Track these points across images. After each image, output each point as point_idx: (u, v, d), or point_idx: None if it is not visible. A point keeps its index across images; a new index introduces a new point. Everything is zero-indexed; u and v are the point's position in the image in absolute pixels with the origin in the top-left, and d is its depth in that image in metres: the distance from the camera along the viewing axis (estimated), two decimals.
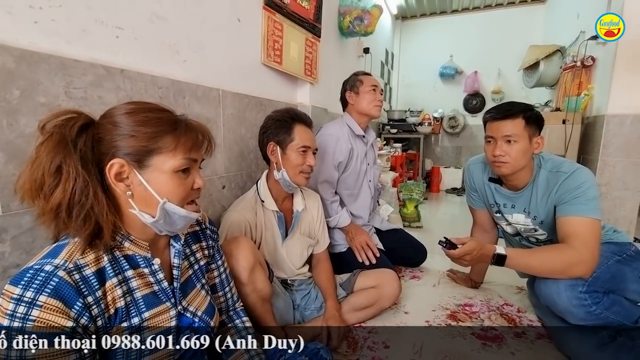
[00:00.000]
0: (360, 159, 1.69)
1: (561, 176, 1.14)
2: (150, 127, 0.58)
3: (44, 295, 0.48)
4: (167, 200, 0.60)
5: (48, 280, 0.49)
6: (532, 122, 1.16)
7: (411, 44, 5.04)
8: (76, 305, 0.51)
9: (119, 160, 0.56)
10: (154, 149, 0.58)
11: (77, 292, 0.51)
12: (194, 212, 0.65)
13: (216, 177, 1.34)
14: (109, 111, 0.59)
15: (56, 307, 0.49)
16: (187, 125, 0.63)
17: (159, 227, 0.62)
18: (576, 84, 2.70)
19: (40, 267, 0.50)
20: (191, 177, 0.64)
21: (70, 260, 0.53)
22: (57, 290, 0.49)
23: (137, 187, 0.59)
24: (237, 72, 1.44)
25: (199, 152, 0.65)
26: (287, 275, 1.29)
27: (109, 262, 0.57)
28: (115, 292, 0.57)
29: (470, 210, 1.53)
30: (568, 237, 1.08)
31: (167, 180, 0.60)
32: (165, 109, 0.63)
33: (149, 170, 0.59)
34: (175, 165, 0.60)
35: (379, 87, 1.68)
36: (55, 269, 0.51)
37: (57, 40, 0.77)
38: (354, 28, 2.52)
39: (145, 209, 0.60)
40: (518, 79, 3.98)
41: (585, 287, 1.04)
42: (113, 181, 0.57)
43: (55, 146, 0.52)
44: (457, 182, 4.60)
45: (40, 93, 0.73)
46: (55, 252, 0.53)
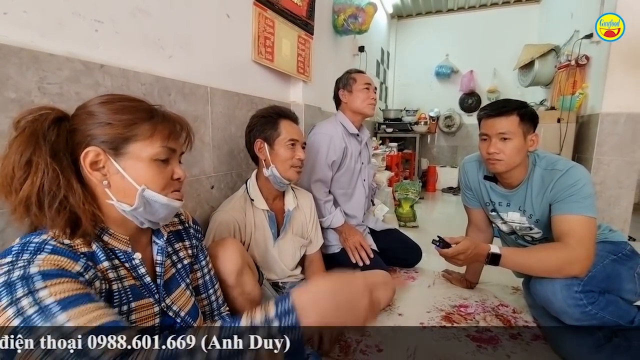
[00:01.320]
0: (355, 158, 1.66)
1: (556, 174, 1.12)
2: (127, 114, 0.57)
3: (44, 253, 0.46)
4: (145, 187, 0.58)
5: (43, 246, 0.48)
6: (527, 119, 1.14)
7: (407, 43, 5.03)
8: (80, 261, 0.49)
9: (94, 149, 0.55)
10: (130, 137, 0.57)
11: (76, 256, 0.49)
12: (176, 200, 0.62)
13: (204, 177, 1.30)
14: (84, 103, 0.58)
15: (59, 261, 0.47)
16: (164, 115, 0.62)
17: (139, 216, 0.60)
18: (571, 83, 2.70)
19: (27, 241, 0.49)
20: (170, 167, 0.62)
21: (57, 239, 0.51)
22: (55, 251, 0.48)
23: (113, 176, 0.57)
24: (227, 69, 1.41)
25: (177, 142, 0.63)
26: (279, 277, 1.26)
27: (98, 248, 0.56)
28: (108, 275, 0.55)
29: (465, 209, 1.51)
30: (563, 235, 1.06)
31: (145, 168, 0.58)
32: (141, 99, 0.61)
33: (126, 158, 0.57)
34: (153, 153, 0.58)
35: (373, 85, 1.65)
36: (45, 239, 0.49)
37: (30, 33, 0.73)
38: (348, 26, 2.49)
39: (124, 199, 0.58)
40: (513, 78, 3.97)
41: (580, 287, 1.02)
42: (88, 170, 0.55)
43: (26, 140, 0.51)
44: (454, 182, 4.59)
45: (10, 88, 0.69)
46: (38, 234, 0.51)
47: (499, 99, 1.24)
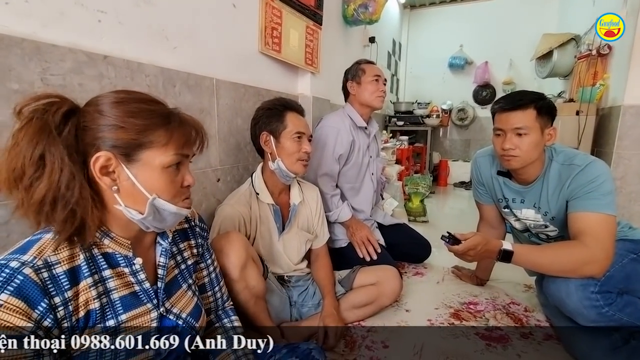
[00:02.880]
0: (362, 152, 1.63)
1: (574, 169, 1.07)
2: (142, 119, 0.54)
3: (5, 293, 0.45)
4: (156, 196, 0.56)
5: (12, 278, 0.46)
6: (544, 112, 1.08)
7: (420, 33, 4.90)
8: (40, 306, 0.47)
9: (105, 153, 0.52)
10: (144, 143, 0.54)
11: (43, 292, 0.48)
12: (185, 209, 0.61)
13: (210, 170, 1.29)
14: (96, 99, 0.55)
15: (17, 307, 0.45)
16: (180, 120, 0.59)
17: (147, 223, 0.59)
18: (591, 74, 2.58)
19: (6, 263, 0.47)
20: (181, 174, 0.60)
21: (40, 257, 0.49)
22: (20, 289, 0.46)
23: (124, 182, 0.55)
24: (233, 61, 1.39)
25: (191, 148, 0.61)
26: (284, 271, 1.25)
27: (84, 260, 0.54)
28: (89, 293, 0.53)
29: (477, 205, 1.47)
30: (580, 234, 1.02)
31: (157, 177, 0.56)
32: (157, 100, 0.59)
33: (138, 165, 0.55)
34: (166, 161, 0.56)
35: (383, 76, 1.60)
36: (21, 266, 0.47)
37: (32, 23, 0.72)
38: (358, 16, 2.43)
39: (133, 205, 0.56)
40: (530, 69, 3.83)
41: (597, 288, 0.97)
42: (98, 175, 0.53)
43: (37, 133, 0.48)
44: (466, 176, 4.49)
45: (12, 79, 0.69)
46: (26, 247, 0.50)
47: (515, 91, 1.18)
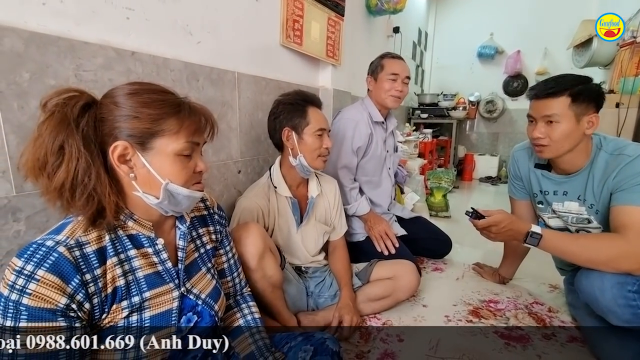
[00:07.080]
0: (380, 146, 1.61)
1: (623, 159, 1.00)
2: (154, 109, 0.57)
3: (42, 269, 0.49)
4: (169, 181, 0.60)
5: (48, 255, 0.51)
6: (583, 98, 1.01)
7: (447, 22, 4.71)
8: (73, 282, 0.52)
9: (122, 143, 0.56)
10: (157, 132, 0.58)
11: (76, 269, 0.52)
12: (198, 191, 0.65)
13: (232, 162, 1.33)
14: (112, 91, 0.59)
15: (52, 282, 0.50)
16: (190, 108, 0.62)
17: (164, 207, 0.63)
18: (634, 63, 2.40)
19: (42, 242, 0.52)
20: (193, 160, 0.64)
21: (72, 237, 0.54)
22: (55, 265, 0.51)
23: (140, 170, 0.59)
24: (254, 54, 1.41)
25: (202, 136, 0.64)
26: (301, 262, 1.27)
27: (110, 241, 0.58)
28: (115, 271, 0.58)
29: (510, 200, 1.40)
30: (622, 227, 0.96)
31: (169, 163, 0.60)
32: (168, 90, 0.62)
33: (152, 153, 0.58)
34: (178, 148, 0.60)
35: (403, 74, 1.53)
36: (56, 245, 0.52)
37: (66, 21, 0.77)
38: (382, 5, 2.38)
39: (149, 190, 0.60)
40: (567, 59, 3.60)
41: (635, 286, 0.92)
42: (116, 163, 0.57)
43: (57, 125, 0.52)
44: (493, 171, 4.33)
45: (50, 76, 0.74)
46: (60, 229, 0.55)
47: (552, 76, 1.10)
